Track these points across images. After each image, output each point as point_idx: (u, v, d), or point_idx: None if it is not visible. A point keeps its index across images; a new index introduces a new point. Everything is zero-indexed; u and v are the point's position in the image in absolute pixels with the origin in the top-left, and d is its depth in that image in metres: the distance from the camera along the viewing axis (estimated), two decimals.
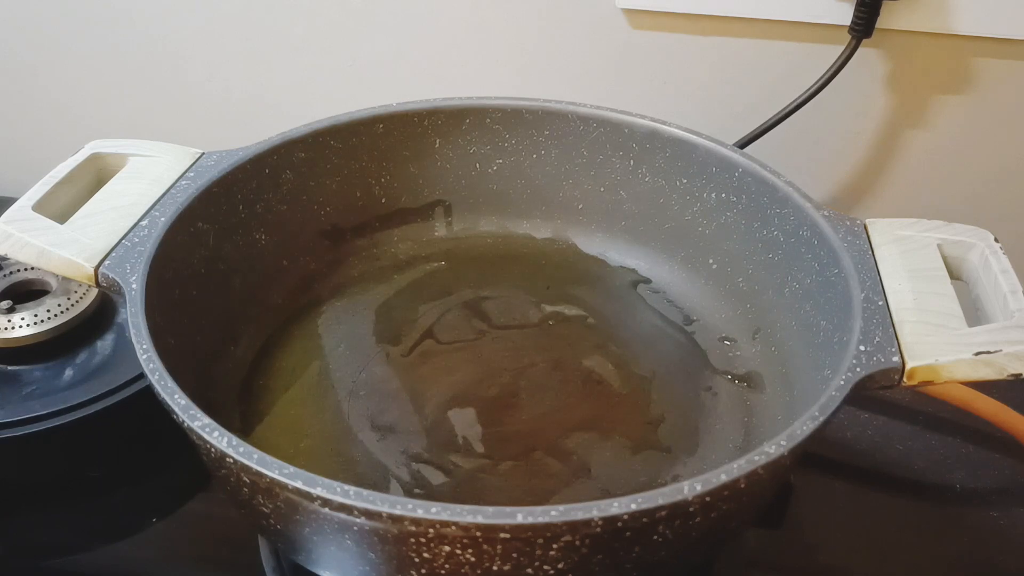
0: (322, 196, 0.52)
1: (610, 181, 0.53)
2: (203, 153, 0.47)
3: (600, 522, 0.29)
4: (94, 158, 0.45)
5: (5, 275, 0.53)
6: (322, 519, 0.31)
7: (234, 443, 0.31)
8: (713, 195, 0.50)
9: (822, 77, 0.54)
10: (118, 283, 0.39)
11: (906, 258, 0.40)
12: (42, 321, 0.50)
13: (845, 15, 0.53)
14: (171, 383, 0.34)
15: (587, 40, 0.59)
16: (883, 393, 0.37)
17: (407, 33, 0.61)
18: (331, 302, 0.52)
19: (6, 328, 0.50)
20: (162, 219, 0.42)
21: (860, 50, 0.53)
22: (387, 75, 0.63)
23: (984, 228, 0.42)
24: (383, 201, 0.54)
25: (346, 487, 0.29)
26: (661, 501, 0.29)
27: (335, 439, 0.44)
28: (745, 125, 0.57)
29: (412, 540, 0.30)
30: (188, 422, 0.32)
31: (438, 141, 0.53)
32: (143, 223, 0.42)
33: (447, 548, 0.30)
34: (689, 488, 0.30)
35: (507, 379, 0.47)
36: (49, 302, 0.51)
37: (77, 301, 0.52)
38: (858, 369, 0.35)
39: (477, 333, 0.50)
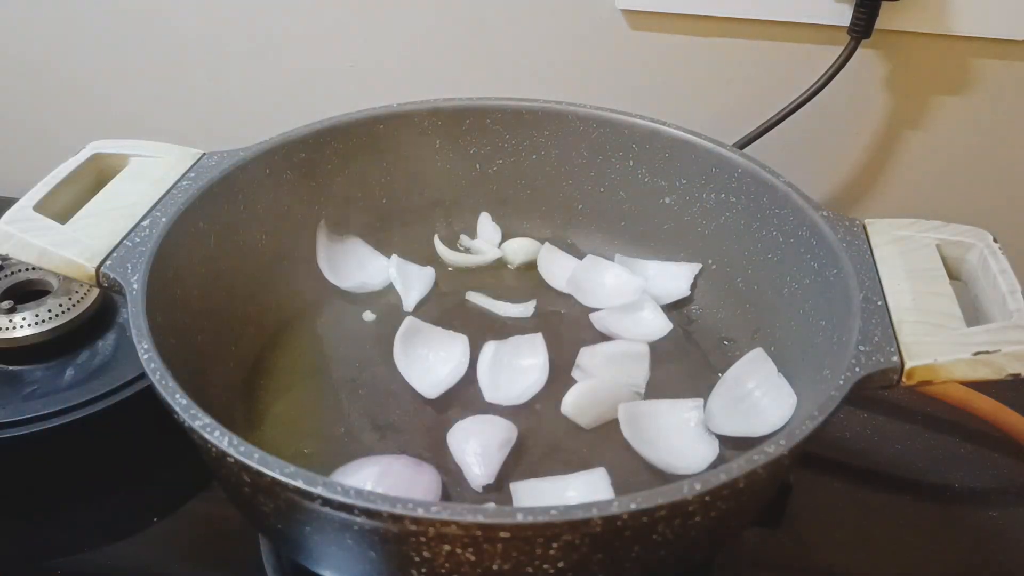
0: (322, 196, 0.52)
1: (610, 181, 0.53)
2: (204, 153, 0.47)
3: (600, 522, 0.29)
4: (95, 158, 0.45)
5: (6, 275, 0.54)
6: (323, 519, 0.31)
7: (235, 443, 0.31)
8: (713, 195, 0.50)
9: (822, 77, 0.54)
10: (119, 283, 0.39)
11: (905, 258, 0.40)
12: (43, 321, 0.50)
13: (845, 16, 0.53)
14: (172, 383, 0.34)
15: (587, 40, 0.59)
16: (882, 393, 0.37)
17: (407, 33, 0.61)
18: (331, 302, 0.52)
19: (7, 328, 0.50)
20: (163, 219, 0.42)
21: (859, 50, 0.53)
22: (387, 75, 0.63)
23: (983, 228, 0.42)
24: (383, 201, 0.54)
25: (347, 487, 0.29)
26: (661, 501, 0.29)
27: (335, 439, 0.44)
28: (745, 125, 0.57)
29: (413, 539, 0.30)
30: (189, 422, 0.32)
31: (438, 141, 0.53)
32: (144, 223, 0.42)
33: (447, 547, 0.30)
34: (689, 488, 0.30)
35: None
36: (50, 302, 0.51)
37: (78, 301, 0.52)
38: (857, 369, 0.35)
39: (477, 332, 0.50)
